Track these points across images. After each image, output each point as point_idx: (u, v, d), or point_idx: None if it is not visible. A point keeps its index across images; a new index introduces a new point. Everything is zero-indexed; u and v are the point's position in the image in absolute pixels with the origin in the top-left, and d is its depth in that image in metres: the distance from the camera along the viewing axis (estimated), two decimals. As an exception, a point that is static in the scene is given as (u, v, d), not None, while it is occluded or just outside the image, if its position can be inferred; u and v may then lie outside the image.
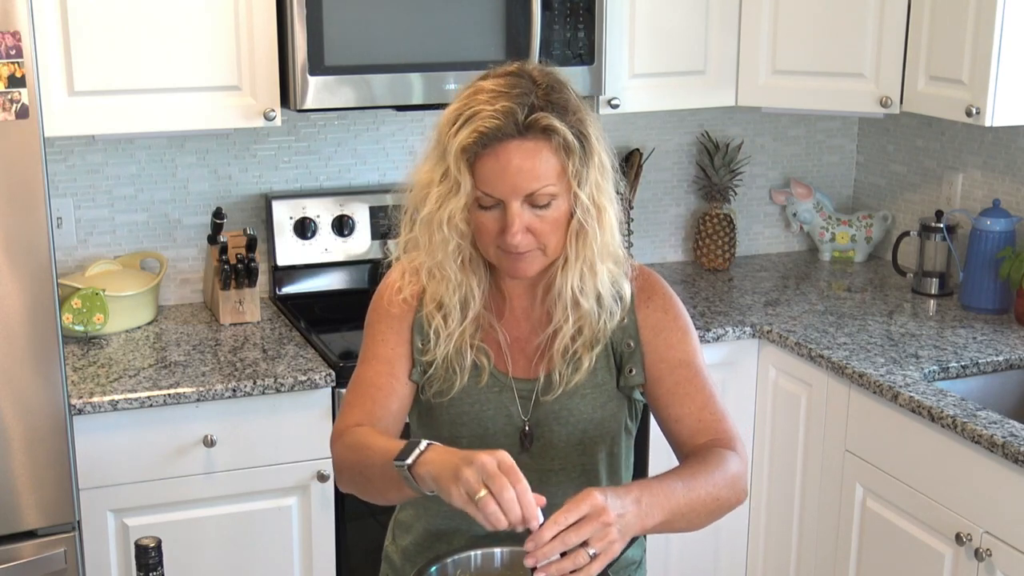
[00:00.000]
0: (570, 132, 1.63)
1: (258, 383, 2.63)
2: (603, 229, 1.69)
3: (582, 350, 1.75)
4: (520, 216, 1.63)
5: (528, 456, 1.78)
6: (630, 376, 1.78)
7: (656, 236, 3.66)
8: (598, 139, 1.69)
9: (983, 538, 2.41)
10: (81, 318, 2.83)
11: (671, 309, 1.81)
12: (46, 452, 2.45)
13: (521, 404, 1.78)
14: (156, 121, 2.76)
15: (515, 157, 1.61)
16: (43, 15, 2.59)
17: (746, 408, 3.10)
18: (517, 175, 1.62)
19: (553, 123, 1.61)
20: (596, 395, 1.78)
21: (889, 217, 3.65)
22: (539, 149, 1.62)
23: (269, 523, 2.73)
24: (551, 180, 1.63)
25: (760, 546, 3.16)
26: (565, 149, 1.63)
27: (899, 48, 3.03)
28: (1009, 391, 2.80)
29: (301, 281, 3.22)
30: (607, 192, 1.69)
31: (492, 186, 1.63)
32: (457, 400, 1.77)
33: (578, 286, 1.71)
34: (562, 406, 1.77)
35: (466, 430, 1.78)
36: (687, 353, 1.80)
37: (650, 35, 3.12)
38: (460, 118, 1.63)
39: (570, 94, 1.67)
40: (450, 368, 1.76)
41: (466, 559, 1.71)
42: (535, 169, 1.62)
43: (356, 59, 2.80)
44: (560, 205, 1.66)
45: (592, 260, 1.70)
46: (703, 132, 3.61)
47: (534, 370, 1.78)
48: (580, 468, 1.80)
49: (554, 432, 1.77)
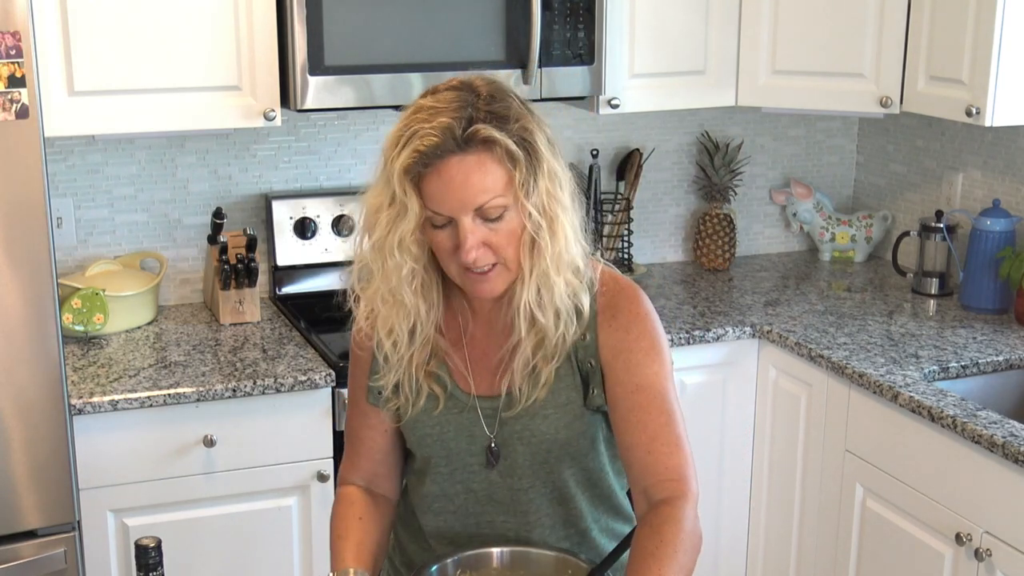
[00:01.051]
0: (512, 141, 1.59)
1: (258, 383, 2.63)
2: (556, 239, 1.64)
3: (541, 364, 1.70)
4: (473, 232, 1.60)
5: (497, 474, 1.76)
6: (594, 396, 1.73)
7: (656, 236, 3.66)
8: (546, 145, 1.64)
9: (983, 538, 2.41)
10: (81, 318, 2.83)
11: (635, 327, 1.72)
12: (46, 452, 2.45)
13: (486, 422, 1.75)
14: (156, 121, 2.76)
15: (458, 173, 1.58)
16: (43, 15, 2.59)
17: (746, 408, 3.10)
18: (462, 190, 1.59)
19: (493, 134, 1.58)
20: (560, 415, 1.72)
21: (889, 217, 3.65)
22: (482, 162, 1.59)
23: (269, 523, 2.73)
24: (498, 192, 1.60)
25: (760, 546, 3.16)
26: (509, 159, 1.59)
27: (899, 48, 3.03)
28: (1009, 391, 2.80)
29: (301, 281, 3.22)
30: (560, 199, 1.65)
31: (439, 204, 1.60)
32: (419, 423, 1.76)
33: (535, 300, 1.66)
34: (524, 426, 1.73)
35: (432, 451, 1.77)
36: (647, 376, 1.69)
37: (650, 35, 3.12)
38: (401, 139, 1.60)
39: (512, 101, 1.64)
40: (403, 394, 1.75)
41: (466, 559, 1.72)
42: (480, 182, 1.59)
43: (356, 59, 2.80)
44: (514, 216, 1.62)
45: (547, 272, 1.65)
46: (703, 132, 3.61)
47: (497, 386, 1.74)
48: (551, 486, 1.77)
49: (518, 451, 1.74)
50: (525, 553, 1.73)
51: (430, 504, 1.81)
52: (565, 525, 1.80)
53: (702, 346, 2.99)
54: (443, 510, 1.80)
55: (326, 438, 2.72)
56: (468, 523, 1.80)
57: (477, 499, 1.78)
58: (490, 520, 1.79)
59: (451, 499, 1.79)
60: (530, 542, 1.77)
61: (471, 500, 1.78)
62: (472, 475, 1.77)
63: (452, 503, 1.79)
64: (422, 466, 1.80)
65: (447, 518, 1.81)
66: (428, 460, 1.78)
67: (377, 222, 1.65)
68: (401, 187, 1.60)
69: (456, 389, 1.75)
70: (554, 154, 1.66)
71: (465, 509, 1.79)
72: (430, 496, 1.80)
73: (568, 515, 1.79)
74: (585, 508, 1.80)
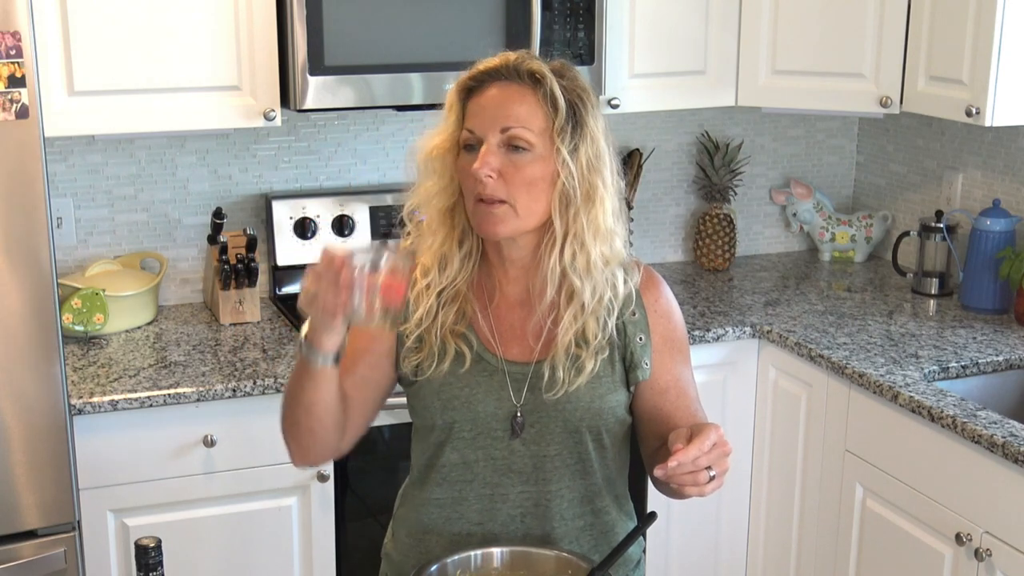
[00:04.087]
0: (559, 88, 1.68)
1: (258, 383, 2.63)
2: (592, 207, 1.71)
3: (585, 355, 1.75)
4: (493, 153, 1.67)
5: (520, 442, 1.78)
6: (644, 369, 1.79)
7: (656, 236, 3.66)
8: (597, 125, 1.72)
9: (983, 538, 2.41)
10: (81, 318, 2.83)
11: (675, 315, 1.85)
12: (46, 452, 2.45)
13: (513, 388, 1.77)
14: (156, 121, 2.76)
15: (499, 94, 1.70)
16: (43, 15, 2.59)
17: (746, 408, 3.10)
18: (496, 109, 1.68)
19: (544, 71, 1.68)
20: (596, 385, 1.77)
21: (889, 217, 3.65)
22: (524, 93, 1.69)
23: (269, 523, 2.73)
24: (531, 126, 1.67)
25: (760, 546, 3.16)
26: (551, 103, 1.68)
27: (899, 48, 3.03)
28: (1009, 391, 2.80)
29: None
30: (602, 174, 1.72)
31: (472, 120, 1.70)
32: (448, 385, 1.77)
33: (569, 263, 1.72)
34: (559, 398, 1.76)
35: (457, 415, 1.77)
36: (680, 368, 1.85)
37: (650, 35, 3.12)
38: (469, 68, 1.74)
39: (578, 78, 1.73)
40: (426, 347, 1.77)
41: (466, 559, 1.71)
42: (516, 110, 1.68)
43: (356, 59, 2.80)
44: (537, 162, 1.68)
45: (582, 237, 1.71)
46: (703, 132, 3.61)
47: (529, 355, 1.77)
48: (576, 456, 1.79)
49: (551, 419, 1.77)
50: (525, 553, 1.73)
51: (447, 474, 1.80)
52: (583, 501, 1.82)
53: (702, 346, 2.99)
54: (460, 479, 1.80)
55: (326, 438, 2.72)
56: (483, 493, 1.79)
57: (496, 468, 1.79)
58: (505, 493, 1.79)
59: (470, 467, 1.79)
60: (548, 513, 1.79)
61: (490, 469, 1.79)
62: (495, 442, 1.78)
63: (470, 471, 1.79)
64: (442, 436, 1.79)
65: (462, 488, 1.80)
66: (451, 426, 1.78)
67: (424, 136, 1.77)
68: (450, 101, 1.73)
69: (483, 350, 1.78)
70: (607, 141, 1.74)
71: (483, 479, 1.79)
72: (448, 465, 1.80)
73: (587, 490, 1.81)
74: (602, 484, 1.83)
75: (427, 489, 1.83)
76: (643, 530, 1.73)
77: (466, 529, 1.81)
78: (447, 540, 1.82)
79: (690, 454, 1.54)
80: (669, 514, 3.04)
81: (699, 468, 1.56)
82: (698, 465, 1.56)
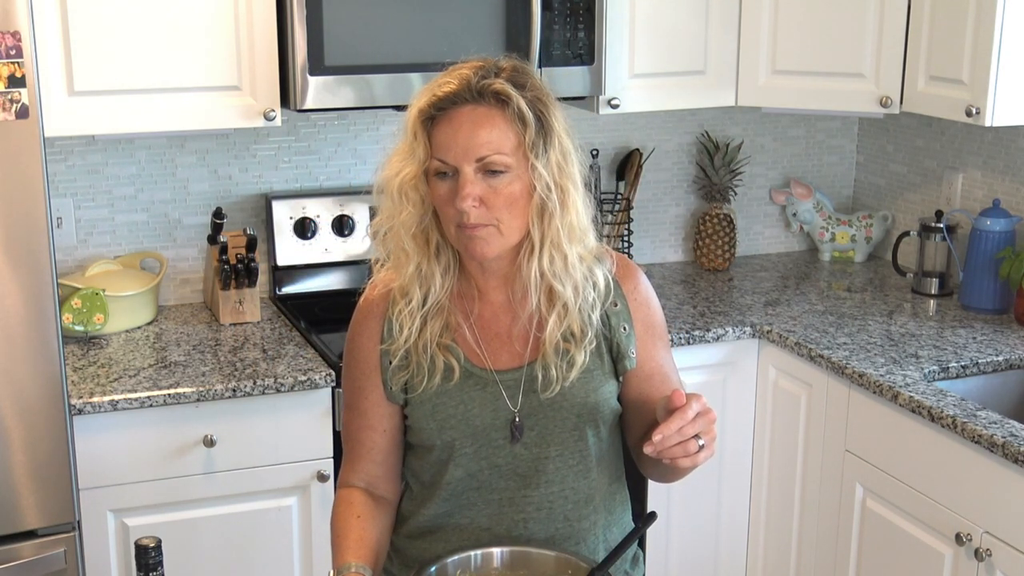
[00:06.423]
0: (525, 103, 1.66)
1: (258, 383, 2.63)
2: (566, 209, 1.71)
3: (575, 349, 1.76)
4: (472, 182, 1.65)
5: (521, 447, 1.78)
6: (631, 358, 1.81)
7: (656, 236, 3.66)
8: (561, 122, 1.71)
9: (983, 538, 2.41)
10: (81, 318, 2.83)
11: (652, 302, 1.87)
12: (46, 452, 2.45)
13: (508, 395, 1.77)
14: (156, 121, 2.76)
15: (467, 121, 1.66)
16: (43, 15, 2.59)
17: (746, 408, 3.10)
18: (468, 139, 1.65)
19: (507, 90, 1.65)
20: (588, 379, 1.78)
21: (889, 217, 3.65)
22: (492, 116, 1.66)
23: (269, 523, 2.73)
24: (504, 150, 1.66)
25: (760, 546, 3.16)
26: (520, 119, 1.66)
27: (899, 48, 3.03)
28: (1009, 391, 2.80)
29: (301, 281, 3.22)
30: (571, 175, 1.72)
31: (445, 151, 1.66)
32: (441, 404, 1.77)
33: (548, 268, 1.72)
34: (553, 397, 1.77)
35: (456, 433, 1.77)
36: (662, 353, 1.86)
37: (650, 35, 3.12)
38: (423, 90, 1.70)
39: (533, 79, 1.71)
40: (413, 364, 1.77)
41: (466, 559, 1.71)
42: (487, 135, 1.65)
43: (356, 59, 2.80)
44: (515, 181, 1.67)
45: (558, 241, 1.71)
46: (703, 132, 3.61)
47: (518, 360, 1.78)
48: (578, 455, 1.80)
49: (549, 419, 1.77)
50: (525, 553, 1.73)
51: (453, 488, 1.80)
52: (585, 502, 1.82)
53: (702, 346, 2.99)
54: (466, 488, 1.80)
55: (326, 438, 2.72)
56: (491, 499, 1.80)
57: (501, 474, 1.79)
58: (511, 497, 1.79)
59: (475, 477, 1.79)
60: (552, 516, 1.79)
61: (495, 475, 1.79)
62: (496, 450, 1.78)
63: (476, 480, 1.80)
64: (444, 455, 1.79)
65: (470, 496, 1.81)
66: (452, 445, 1.78)
67: (388, 162, 1.73)
68: (413, 130, 1.69)
69: (469, 364, 1.78)
70: (568, 134, 1.73)
71: (490, 485, 1.80)
72: (454, 481, 1.80)
73: (589, 490, 1.82)
74: (603, 484, 1.84)
75: (432, 505, 1.83)
76: (643, 530, 1.73)
77: (475, 536, 1.81)
78: (457, 533, 1.82)
79: (673, 425, 1.56)
80: (669, 514, 3.04)
81: (686, 437, 1.57)
82: (685, 434, 1.57)
